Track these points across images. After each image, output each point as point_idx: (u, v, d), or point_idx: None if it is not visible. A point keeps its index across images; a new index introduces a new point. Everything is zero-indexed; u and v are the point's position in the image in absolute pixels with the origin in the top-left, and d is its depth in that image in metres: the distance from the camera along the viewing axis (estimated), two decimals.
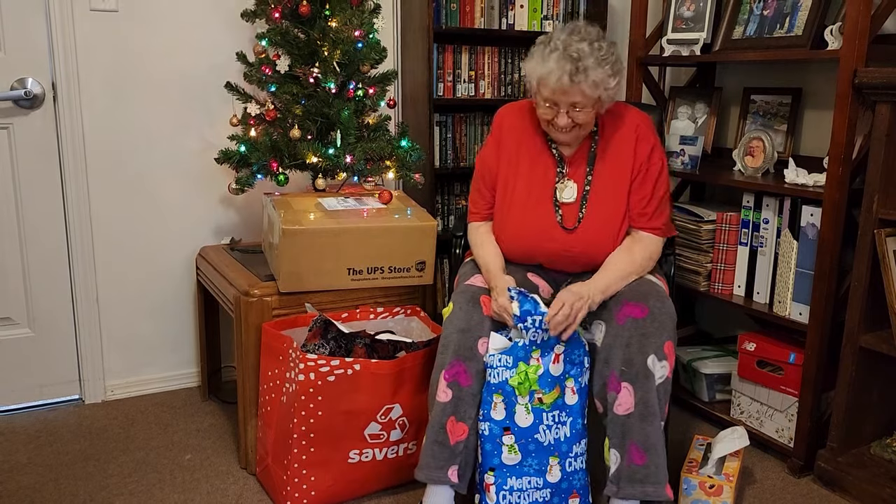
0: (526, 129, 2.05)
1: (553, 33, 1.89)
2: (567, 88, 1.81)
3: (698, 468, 2.08)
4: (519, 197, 2.01)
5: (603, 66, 1.82)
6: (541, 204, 1.99)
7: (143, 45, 2.54)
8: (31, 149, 2.46)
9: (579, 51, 1.80)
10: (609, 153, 1.99)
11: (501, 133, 2.07)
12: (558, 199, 1.99)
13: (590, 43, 1.82)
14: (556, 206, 1.98)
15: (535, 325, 1.80)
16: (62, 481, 2.14)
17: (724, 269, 2.47)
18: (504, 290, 1.84)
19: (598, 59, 1.81)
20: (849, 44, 2.02)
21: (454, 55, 2.90)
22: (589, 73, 1.80)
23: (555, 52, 1.82)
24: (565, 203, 1.98)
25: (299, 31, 2.39)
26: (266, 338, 2.06)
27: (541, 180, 2.01)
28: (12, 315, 2.54)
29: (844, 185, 2.09)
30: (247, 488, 2.13)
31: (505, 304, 1.82)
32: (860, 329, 2.08)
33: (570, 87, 1.81)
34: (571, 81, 1.80)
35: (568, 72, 1.79)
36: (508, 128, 2.07)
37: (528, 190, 2.01)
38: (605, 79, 1.83)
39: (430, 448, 1.82)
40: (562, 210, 1.98)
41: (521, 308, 1.79)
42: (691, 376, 2.62)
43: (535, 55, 1.87)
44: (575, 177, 2.00)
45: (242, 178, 2.42)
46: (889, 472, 2.10)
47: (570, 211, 1.98)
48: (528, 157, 2.03)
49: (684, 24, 2.66)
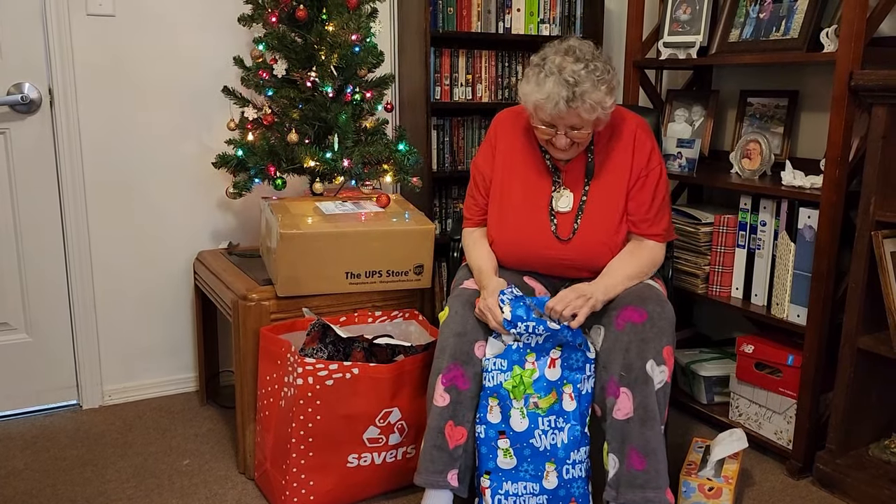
0: (523, 135, 2.05)
1: (547, 53, 1.85)
2: (564, 114, 1.80)
3: (697, 471, 2.08)
4: (515, 202, 2.01)
5: (599, 87, 1.79)
6: (536, 212, 1.99)
7: (139, 50, 2.54)
8: (28, 154, 2.46)
9: (575, 74, 1.77)
10: (607, 163, 1.99)
11: (497, 139, 2.07)
12: (554, 209, 1.99)
13: (585, 65, 1.79)
14: (551, 216, 1.98)
15: (529, 331, 1.80)
16: (59, 487, 2.13)
17: (722, 272, 2.47)
18: (494, 292, 1.84)
19: (595, 82, 1.79)
20: (845, 46, 2.02)
21: (451, 59, 2.90)
22: (586, 97, 1.78)
23: (550, 76, 1.79)
24: (560, 212, 1.98)
25: (296, 36, 2.39)
26: (264, 342, 2.06)
27: (536, 187, 2.01)
28: (9, 320, 2.53)
29: (841, 187, 2.09)
30: (245, 493, 2.12)
31: (491, 306, 1.81)
32: (858, 331, 2.08)
33: (567, 113, 1.80)
34: (568, 107, 1.78)
35: (564, 98, 1.77)
36: (504, 133, 2.07)
37: (523, 196, 2.01)
38: (603, 99, 1.81)
39: (429, 453, 1.82)
40: (557, 219, 1.98)
41: (514, 313, 1.79)
42: (690, 379, 2.62)
43: (531, 79, 1.84)
44: (571, 186, 1.99)
45: (240, 183, 2.42)
46: (888, 474, 2.10)
47: (565, 221, 1.98)
48: (524, 163, 2.03)
49: (681, 27, 2.67)
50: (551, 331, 1.81)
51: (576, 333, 1.82)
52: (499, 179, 2.04)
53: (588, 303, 1.82)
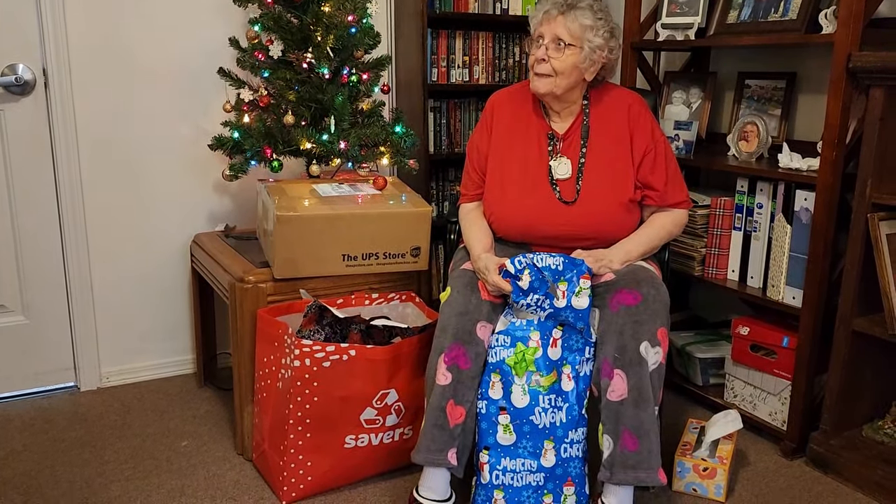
0: (518, 111, 2.08)
1: None
2: (553, 17, 1.92)
3: (692, 451, 2.09)
4: (514, 177, 2.02)
5: (595, 14, 1.92)
6: (538, 182, 2.01)
7: (134, 31, 2.52)
8: (22, 136, 2.45)
9: None
10: (602, 126, 2.02)
11: (493, 118, 2.10)
12: (554, 177, 2.00)
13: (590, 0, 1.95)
14: (552, 184, 2.00)
15: (537, 304, 1.81)
16: (58, 468, 2.15)
17: (718, 254, 2.47)
18: (493, 269, 1.86)
19: (591, 6, 1.93)
20: (843, 28, 2.01)
21: (448, 40, 2.89)
22: (577, 12, 1.91)
23: None
24: (561, 179, 2.00)
25: (292, 17, 2.37)
26: (261, 324, 2.06)
27: (535, 159, 2.02)
28: (6, 303, 2.53)
29: (838, 169, 2.09)
30: (243, 474, 2.14)
31: (497, 281, 1.84)
32: (853, 313, 2.09)
33: (556, 18, 1.92)
34: (558, 10, 1.92)
35: (559, 5, 1.92)
36: (501, 111, 2.10)
37: (523, 170, 2.02)
38: (593, 27, 1.91)
39: (429, 431, 1.83)
40: (559, 186, 2.00)
41: (531, 283, 1.81)
42: (685, 361, 2.63)
43: (538, 4, 2.00)
44: (568, 153, 2.02)
45: (236, 165, 2.42)
46: (881, 454, 2.12)
47: (567, 186, 2.00)
48: (521, 138, 2.05)
49: (679, 8, 2.65)
50: (555, 308, 1.82)
51: (577, 317, 1.83)
52: (497, 156, 2.06)
53: (603, 265, 1.90)
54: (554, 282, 1.84)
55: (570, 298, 1.82)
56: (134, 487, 2.06)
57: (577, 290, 1.83)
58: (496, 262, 1.87)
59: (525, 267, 1.83)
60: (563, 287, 1.83)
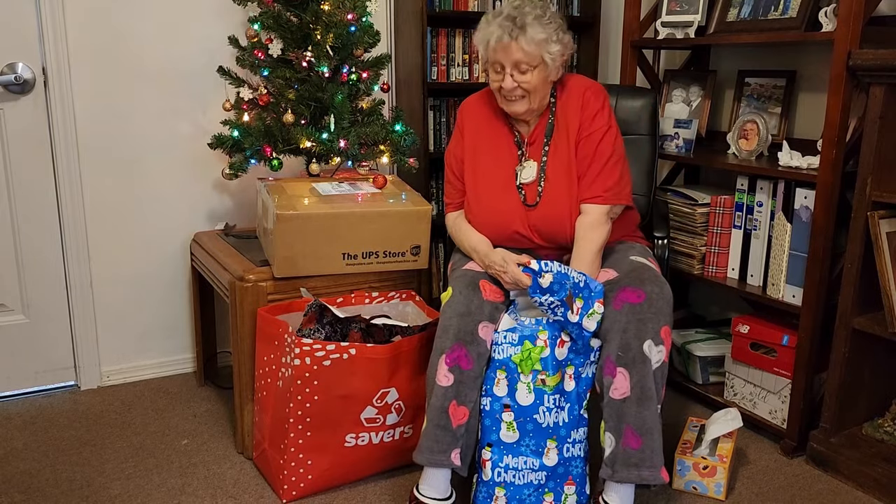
0: (486, 116, 2.09)
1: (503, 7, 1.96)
2: (507, 44, 1.87)
3: (692, 449, 2.09)
4: (485, 184, 2.04)
5: (543, 24, 1.88)
6: (506, 188, 2.02)
7: (134, 29, 2.52)
8: (22, 134, 2.45)
9: (519, 10, 1.89)
10: (561, 126, 2.02)
11: (464, 124, 2.12)
12: (520, 181, 2.01)
13: (532, 7, 1.90)
14: (519, 188, 2.01)
15: (549, 307, 1.81)
16: (59, 467, 2.15)
17: (718, 252, 2.47)
18: (512, 262, 1.86)
19: (537, 17, 1.88)
20: (843, 26, 2.01)
21: (448, 39, 2.89)
22: (527, 29, 1.86)
23: (497, 16, 1.91)
24: (526, 183, 2.01)
25: (292, 15, 2.37)
26: (261, 323, 2.06)
27: (504, 164, 2.04)
28: (6, 301, 2.53)
29: (838, 167, 2.09)
30: (244, 473, 2.14)
31: (517, 273, 1.84)
32: (853, 311, 2.09)
33: (509, 44, 1.87)
34: (510, 37, 1.86)
35: (507, 29, 1.86)
36: (470, 117, 2.11)
37: (493, 176, 2.04)
38: (547, 39, 1.88)
39: (431, 432, 1.82)
40: (525, 190, 2.01)
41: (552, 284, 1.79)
42: (685, 359, 2.64)
43: (481, 24, 1.95)
44: (534, 156, 2.03)
45: (236, 164, 2.41)
46: (880, 453, 2.12)
47: (531, 190, 2.01)
48: (490, 144, 2.07)
49: (678, 6, 2.65)
50: (566, 319, 1.82)
51: (580, 335, 1.83)
52: (470, 162, 2.07)
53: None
54: (573, 295, 1.84)
55: (582, 317, 1.82)
56: (134, 486, 2.06)
57: (591, 313, 1.83)
58: (516, 258, 1.88)
59: (549, 270, 1.82)
60: (579, 304, 1.83)
